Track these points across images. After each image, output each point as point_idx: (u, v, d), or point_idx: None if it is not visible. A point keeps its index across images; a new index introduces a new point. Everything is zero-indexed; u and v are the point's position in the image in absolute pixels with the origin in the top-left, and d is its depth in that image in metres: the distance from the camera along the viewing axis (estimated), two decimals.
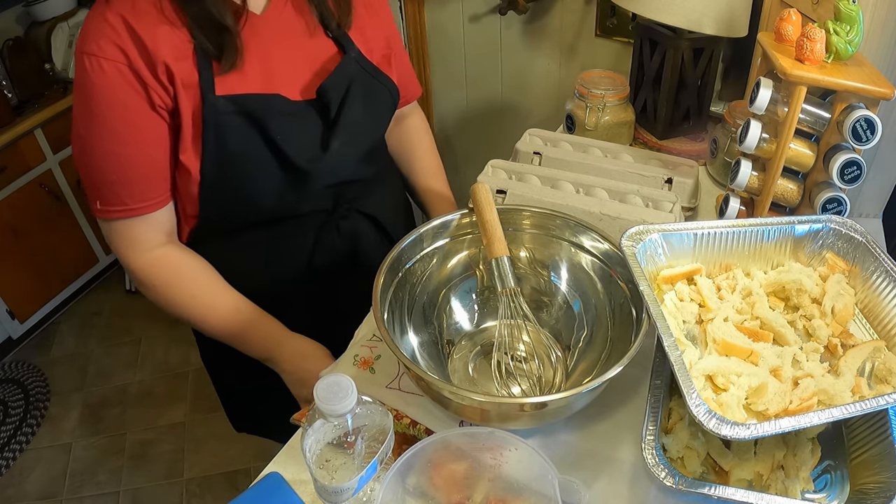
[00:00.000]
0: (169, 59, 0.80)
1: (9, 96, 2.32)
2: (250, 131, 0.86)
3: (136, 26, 0.79)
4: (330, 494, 0.63)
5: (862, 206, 1.09)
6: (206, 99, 0.83)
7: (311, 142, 0.92)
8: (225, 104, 0.84)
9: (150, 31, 0.79)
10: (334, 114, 0.92)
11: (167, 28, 0.80)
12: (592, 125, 1.25)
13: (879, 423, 0.69)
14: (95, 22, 0.79)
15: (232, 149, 0.86)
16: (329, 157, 0.93)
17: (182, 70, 0.82)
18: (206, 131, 0.84)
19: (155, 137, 0.85)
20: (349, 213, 1.02)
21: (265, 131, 0.87)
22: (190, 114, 0.84)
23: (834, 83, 0.83)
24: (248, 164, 0.88)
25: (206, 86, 0.83)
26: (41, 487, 2.06)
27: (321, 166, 0.93)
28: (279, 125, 0.87)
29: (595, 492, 0.70)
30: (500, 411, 0.70)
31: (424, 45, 1.96)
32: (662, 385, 0.71)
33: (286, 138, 0.88)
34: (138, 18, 0.79)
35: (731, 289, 0.79)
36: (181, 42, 0.81)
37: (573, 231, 0.86)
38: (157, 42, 0.80)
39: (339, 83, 0.92)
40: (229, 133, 0.85)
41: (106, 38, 0.78)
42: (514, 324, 0.82)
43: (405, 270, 0.83)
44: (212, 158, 0.86)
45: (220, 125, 0.84)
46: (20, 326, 2.48)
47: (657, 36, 1.26)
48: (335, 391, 0.60)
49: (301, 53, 0.92)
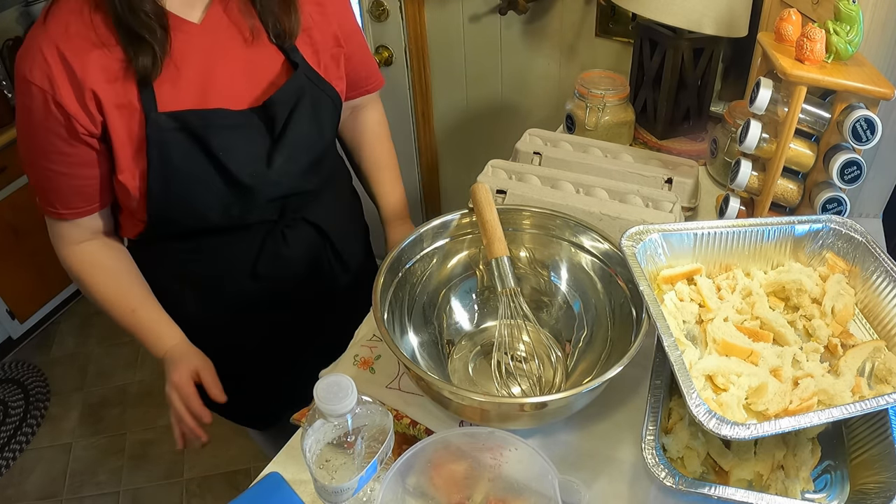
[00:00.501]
0: (98, 85, 0.80)
1: (9, 96, 2.32)
2: (193, 147, 0.86)
3: (66, 53, 0.78)
4: (330, 494, 0.63)
5: (862, 206, 1.09)
6: (148, 117, 0.82)
7: (255, 156, 0.91)
8: (167, 121, 0.84)
9: (80, 57, 0.79)
10: (279, 129, 0.91)
11: (99, 51, 0.80)
12: (592, 125, 1.25)
13: (879, 423, 0.69)
14: (31, 48, 0.79)
15: (176, 165, 0.86)
16: (271, 173, 0.92)
17: (114, 92, 0.81)
18: (151, 149, 0.84)
19: (79, 162, 0.86)
20: (294, 221, 1.03)
21: (208, 147, 0.86)
22: (126, 134, 0.84)
23: (834, 83, 0.83)
24: (192, 180, 0.88)
25: (147, 103, 0.82)
26: (41, 487, 2.05)
27: (264, 181, 0.92)
28: (222, 140, 0.87)
29: (595, 492, 0.70)
30: (500, 411, 0.70)
31: (424, 45, 1.96)
32: (662, 385, 0.71)
33: (229, 153, 0.88)
34: (70, 44, 0.78)
35: (731, 289, 0.79)
36: (114, 63, 0.80)
37: (573, 231, 0.86)
38: (87, 68, 0.79)
39: (288, 98, 0.91)
40: (172, 149, 0.85)
41: (37, 65, 0.79)
42: (514, 324, 0.82)
43: (405, 270, 0.83)
44: (157, 174, 0.86)
45: (164, 142, 0.84)
46: (20, 326, 2.48)
47: (657, 36, 1.26)
48: (335, 391, 0.60)
49: (242, 63, 0.89)
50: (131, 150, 0.85)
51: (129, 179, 0.86)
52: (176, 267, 1.02)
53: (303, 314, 1.10)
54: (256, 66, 0.90)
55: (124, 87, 0.82)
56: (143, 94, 0.82)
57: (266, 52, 0.91)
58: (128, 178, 0.86)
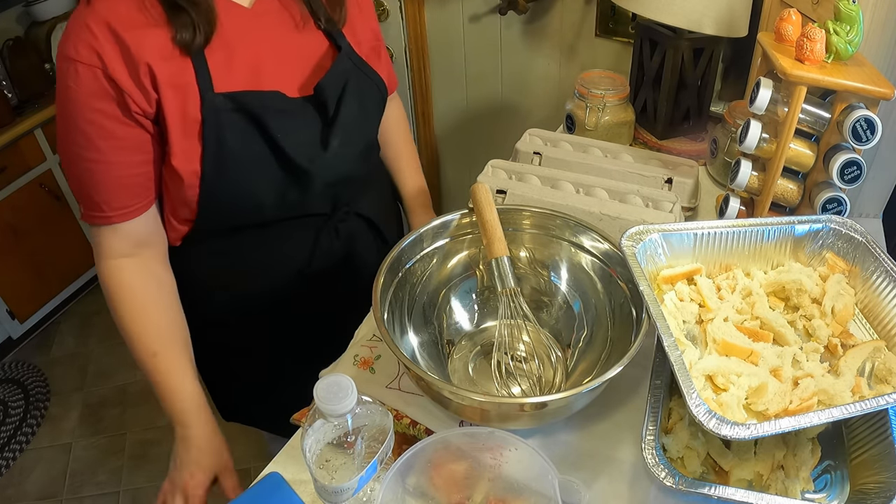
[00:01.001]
0: (153, 60, 0.77)
1: (9, 96, 2.32)
2: (250, 129, 0.84)
3: (118, 28, 0.76)
4: (330, 494, 0.63)
5: (862, 206, 1.09)
6: (204, 97, 0.81)
7: (311, 140, 0.90)
8: (224, 101, 0.82)
9: (133, 32, 0.77)
10: (332, 112, 0.91)
11: (153, 29, 0.78)
12: (592, 125, 1.25)
13: (879, 423, 0.69)
14: (75, 25, 0.77)
15: (232, 147, 0.84)
16: (329, 156, 0.91)
17: (169, 70, 0.79)
18: (207, 130, 0.81)
19: (130, 145, 0.82)
20: (347, 215, 1.02)
21: (265, 129, 0.85)
22: (180, 115, 0.81)
23: (834, 83, 0.83)
24: (248, 163, 0.86)
25: (203, 84, 0.80)
26: (41, 487, 2.05)
27: (321, 165, 0.91)
28: (278, 123, 0.85)
29: (595, 492, 0.70)
30: (500, 411, 0.70)
31: (424, 45, 1.96)
32: (662, 385, 0.71)
33: (286, 137, 0.86)
34: (121, 20, 0.76)
35: (731, 289, 0.79)
36: (168, 42, 0.79)
37: (573, 231, 0.86)
38: (142, 43, 0.77)
39: (336, 80, 0.90)
40: (229, 131, 0.83)
41: (84, 42, 0.76)
42: (514, 324, 0.82)
43: (405, 270, 0.83)
44: (212, 159, 0.83)
45: (220, 123, 0.82)
46: (20, 326, 2.48)
47: (657, 36, 1.26)
48: (335, 391, 0.60)
49: (293, 48, 0.90)
50: (186, 132, 0.82)
51: (182, 164, 0.83)
52: (217, 270, 0.98)
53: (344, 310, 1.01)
54: (304, 51, 0.91)
55: (180, 66, 0.80)
56: (199, 74, 0.80)
57: (313, 37, 0.92)
58: (181, 163, 0.83)
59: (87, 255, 2.70)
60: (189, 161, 0.83)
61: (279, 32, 0.89)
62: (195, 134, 0.82)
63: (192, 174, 0.84)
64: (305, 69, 0.91)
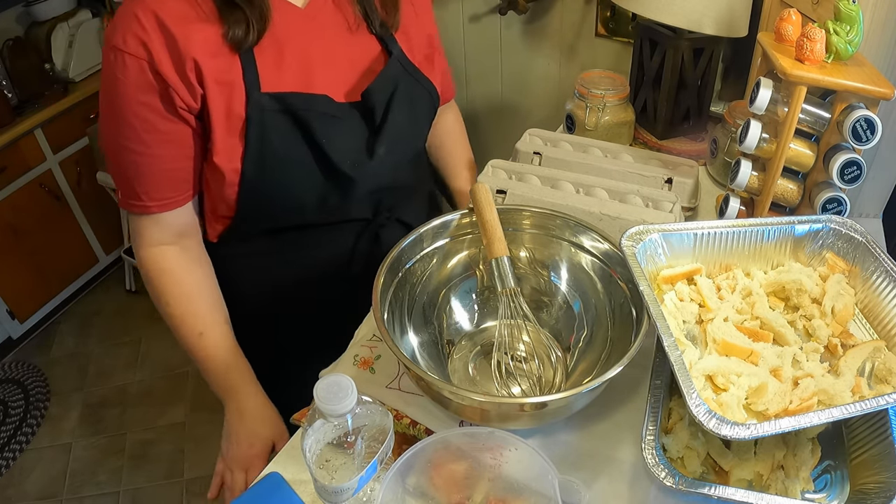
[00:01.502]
0: (200, 56, 0.77)
1: (9, 96, 2.33)
2: (294, 132, 0.83)
3: (167, 21, 0.75)
4: (330, 494, 0.63)
5: (862, 206, 1.09)
6: (251, 96, 0.80)
7: (356, 147, 0.89)
8: (270, 101, 0.81)
9: (182, 25, 0.76)
10: (380, 119, 0.89)
11: (202, 24, 0.77)
12: (592, 125, 1.25)
13: (879, 423, 0.69)
14: (124, 15, 0.77)
15: (276, 148, 0.82)
16: (374, 164, 0.90)
17: (216, 67, 0.78)
18: (250, 129, 0.81)
19: (173, 140, 0.82)
20: (388, 221, 1.00)
21: (309, 133, 0.83)
22: (224, 113, 0.80)
23: (834, 83, 0.83)
24: (291, 165, 0.85)
25: (250, 82, 0.79)
26: (41, 487, 2.06)
27: (365, 172, 0.90)
28: (324, 127, 0.84)
29: (595, 492, 0.70)
30: (500, 411, 0.70)
31: None
32: (662, 385, 0.71)
33: (331, 141, 0.85)
34: (170, 13, 0.76)
35: (731, 289, 0.79)
36: (217, 38, 0.78)
37: (573, 231, 0.86)
38: (190, 37, 0.76)
39: (385, 86, 0.89)
40: (273, 132, 0.82)
41: (132, 32, 0.75)
42: (514, 324, 0.81)
43: (405, 270, 0.83)
44: (254, 158, 0.82)
45: (265, 123, 0.81)
46: (20, 326, 2.48)
47: (657, 36, 1.26)
48: (335, 391, 0.60)
49: (344, 52, 0.89)
50: (230, 129, 0.81)
51: (224, 162, 0.82)
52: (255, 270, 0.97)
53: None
54: (355, 55, 0.90)
55: (228, 62, 0.79)
56: (246, 72, 0.79)
57: (365, 42, 0.91)
58: (223, 161, 0.82)
59: (87, 255, 2.71)
60: (231, 159, 0.82)
61: (331, 35, 0.88)
62: (238, 132, 0.81)
63: (233, 172, 0.83)
64: (355, 74, 0.90)
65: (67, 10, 2.58)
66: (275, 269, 0.98)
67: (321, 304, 1.01)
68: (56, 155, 2.45)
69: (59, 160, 2.47)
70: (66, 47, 2.55)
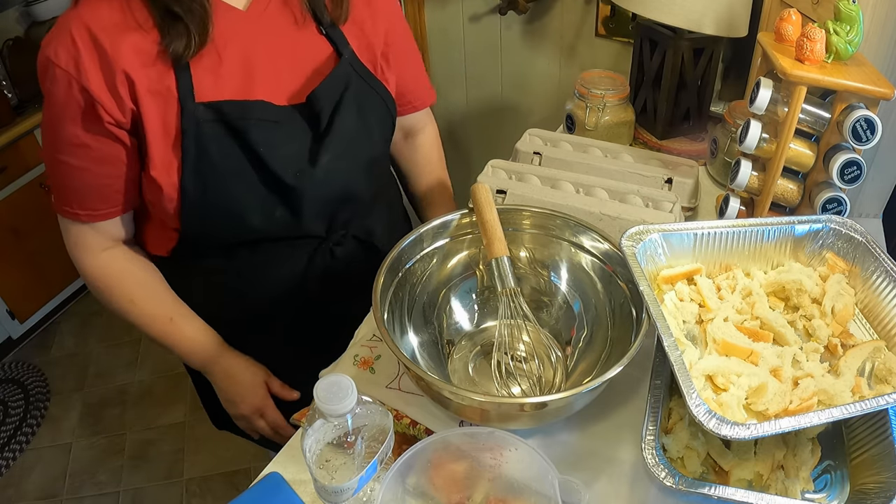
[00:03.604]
0: (131, 67, 0.74)
1: (9, 96, 2.32)
2: (231, 142, 0.80)
3: (98, 34, 0.73)
4: (330, 494, 0.63)
5: (862, 206, 1.09)
6: (184, 107, 0.77)
7: (298, 154, 0.85)
8: (204, 111, 0.78)
9: (113, 37, 0.74)
10: (325, 124, 0.85)
11: (136, 34, 0.75)
12: (592, 125, 1.25)
13: (879, 423, 0.68)
14: (59, 27, 0.75)
15: (214, 160, 0.80)
16: (318, 172, 0.86)
17: (148, 77, 0.76)
18: (186, 142, 0.78)
19: (100, 156, 0.80)
20: (344, 238, 0.96)
21: (246, 141, 0.80)
22: (160, 124, 0.78)
23: (834, 83, 0.83)
24: (230, 178, 0.82)
25: (184, 92, 0.77)
26: (41, 487, 2.05)
27: (310, 182, 0.86)
28: (261, 135, 0.81)
29: (595, 492, 0.70)
30: (500, 411, 0.70)
31: (424, 45, 1.96)
32: (662, 385, 0.71)
33: (270, 149, 0.82)
34: (102, 24, 0.74)
35: (731, 289, 0.79)
36: (150, 46, 0.75)
37: (573, 231, 0.86)
38: (120, 49, 0.74)
39: (333, 89, 0.85)
40: (210, 143, 0.79)
41: (63, 46, 0.74)
42: (514, 324, 0.81)
43: (405, 270, 0.83)
44: (192, 170, 0.80)
45: (200, 134, 0.78)
46: (20, 326, 2.48)
47: (657, 36, 1.26)
48: (335, 391, 0.60)
49: (288, 52, 0.85)
50: (166, 141, 0.79)
51: (162, 176, 0.80)
52: (209, 287, 0.96)
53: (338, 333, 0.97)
54: (302, 56, 0.86)
55: (161, 72, 0.76)
56: (180, 82, 0.77)
57: (312, 41, 0.87)
58: (161, 175, 0.80)
59: None
60: (168, 173, 0.80)
61: (274, 35, 0.84)
62: (176, 144, 0.79)
63: (172, 186, 0.81)
64: (301, 75, 0.86)
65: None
66: (231, 285, 0.96)
67: (282, 323, 1.00)
68: None
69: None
70: None
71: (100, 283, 0.90)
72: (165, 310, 0.93)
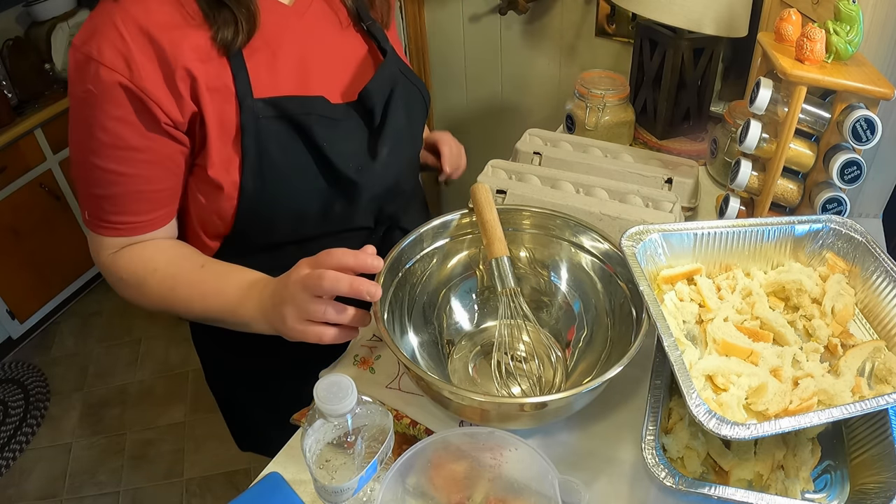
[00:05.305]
0: (192, 63, 0.72)
1: (9, 96, 2.33)
2: (293, 138, 0.78)
3: (153, 30, 0.70)
4: (330, 494, 0.63)
5: (862, 206, 1.09)
6: (243, 103, 0.75)
7: (358, 149, 0.84)
8: (264, 108, 0.76)
9: (169, 32, 0.71)
10: (379, 119, 0.85)
11: (190, 29, 0.72)
12: (592, 125, 1.25)
13: (879, 423, 0.69)
14: (101, 23, 0.70)
15: (274, 157, 0.77)
16: (377, 166, 0.85)
17: (208, 73, 0.73)
18: (246, 139, 0.75)
19: (153, 159, 0.75)
20: (391, 230, 0.96)
21: (309, 138, 0.79)
22: (218, 122, 0.75)
23: (834, 83, 0.83)
24: (292, 174, 0.80)
25: (242, 88, 0.75)
26: (41, 487, 2.06)
27: (370, 176, 0.85)
28: (323, 131, 0.79)
29: (595, 492, 0.70)
30: (500, 411, 0.70)
31: (424, 45, 1.96)
32: (662, 385, 0.71)
33: (333, 145, 0.80)
34: (154, 20, 0.70)
35: (731, 289, 0.79)
36: (205, 42, 0.73)
37: (573, 231, 0.86)
38: (179, 44, 0.71)
39: (383, 86, 0.85)
40: (270, 140, 0.77)
41: (109, 43, 0.69)
42: (513, 324, 0.82)
43: (405, 270, 0.83)
44: (252, 169, 0.77)
45: (260, 131, 0.76)
46: (20, 326, 2.48)
47: (657, 36, 1.26)
48: (335, 391, 0.60)
49: (336, 50, 0.84)
50: (224, 140, 0.76)
51: (221, 174, 0.76)
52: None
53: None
54: (348, 53, 0.86)
55: (218, 68, 0.73)
56: (237, 77, 0.74)
57: (354, 40, 0.87)
58: (220, 174, 0.76)
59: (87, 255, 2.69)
60: (229, 171, 0.77)
61: (322, 32, 0.84)
62: (233, 142, 0.76)
63: (232, 185, 0.78)
64: (348, 73, 0.86)
65: (67, 10, 2.59)
66: None
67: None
68: (56, 155, 2.45)
69: (59, 160, 2.47)
70: (66, 47, 2.55)
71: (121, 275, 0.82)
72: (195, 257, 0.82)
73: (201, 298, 0.79)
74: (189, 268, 0.81)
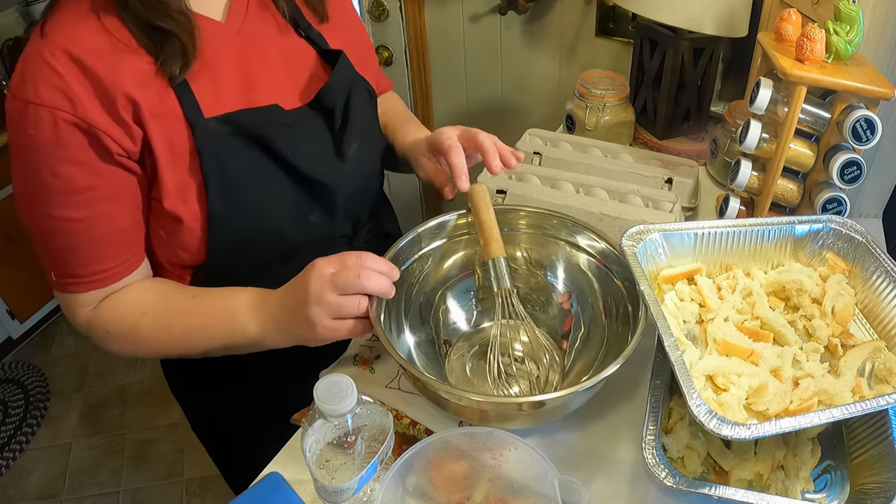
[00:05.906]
0: (131, 89, 0.67)
1: None
2: (254, 152, 0.75)
3: (83, 57, 0.65)
4: (330, 494, 0.63)
5: (862, 206, 1.09)
6: (195, 125, 0.71)
7: (324, 151, 0.83)
8: (217, 126, 0.73)
9: (103, 59, 0.66)
10: (340, 119, 0.83)
11: (123, 55, 0.68)
12: (592, 125, 1.25)
13: (879, 423, 0.68)
14: (30, 62, 0.66)
15: (239, 175, 0.74)
16: (347, 165, 0.84)
17: (150, 98, 0.69)
18: (205, 161, 0.72)
19: (113, 194, 0.71)
20: (370, 235, 0.95)
21: (270, 149, 0.76)
22: (167, 148, 0.71)
23: (834, 83, 0.83)
24: (261, 190, 0.77)
25: (191, 110, 0.71)
26: (41, 487, 2.06)
27: (339, 176, 0.83)
28: (283, 139, 0.77)
29: (595, 492, 0.70)
30: (497, 411, 0.70)
31: (424, 46, 1.96)
32: (663, 385, 0.71)
33: (296, 152, 0.78)
34: (85, 48, 0.66)
35: (732, 289, 0.79)
36: (144, 67, 0.69)
37: (570, 231, 0.86)
38: (114, 70, 0.66)
39: (341, 84, 0.84)
40: (231, 158, 0.73)
41: (43, 80, 0.64)
42: (510, 324, 0.81)
43: (402, 271, 0.83)
44: (218, 192, 0.73)
45: (219, 151, 0.73)
46: (20, 326, 2.48)
47: (657, 36, 1.26)
48: (335, 391, 0.60)
49: (282, 57, 0.82)
50: (176, 167, 0.72)
51: (178, 205, 0.72)
52: None
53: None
54: (293, 58, 0.83)
55: (160, 93, 0.70)
56: (183, 100, 0.71)
57: (298, 44, 0.85)
58: (176, 204, 0.72)
59: None
60: (185, 200, 0.73)
61: (262, 42, 0.81)
62: (188, 169, 0.72)
63: (192, 215, 0.73)
64: (298, 77, 0.84)
65: None
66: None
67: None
68: None
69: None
70: None
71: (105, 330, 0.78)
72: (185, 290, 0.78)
73: (202, 329, 0.76)
74: (180, 301, 0.77)
